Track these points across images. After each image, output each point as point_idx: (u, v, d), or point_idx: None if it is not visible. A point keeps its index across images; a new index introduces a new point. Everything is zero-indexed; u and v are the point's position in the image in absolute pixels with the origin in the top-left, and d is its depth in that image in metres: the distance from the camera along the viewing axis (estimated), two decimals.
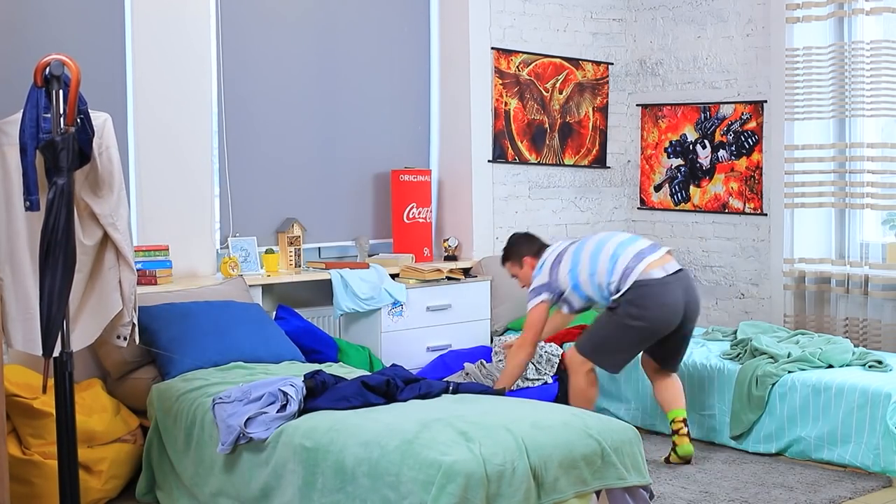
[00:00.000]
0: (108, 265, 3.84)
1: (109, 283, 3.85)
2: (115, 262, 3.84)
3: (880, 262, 6.19)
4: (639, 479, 3.83)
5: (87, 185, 3.79)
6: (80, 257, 3.72)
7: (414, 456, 3.49)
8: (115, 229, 3.81)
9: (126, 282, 3.85)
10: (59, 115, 3.47)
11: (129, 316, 3.88)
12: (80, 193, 3.77)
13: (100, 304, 3.86)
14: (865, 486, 4.74)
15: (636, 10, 7.30)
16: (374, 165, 6.44)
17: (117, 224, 3.81)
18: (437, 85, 6.72)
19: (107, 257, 3.84)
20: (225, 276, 5.45)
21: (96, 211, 3.79)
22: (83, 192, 3.78)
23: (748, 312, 6.77)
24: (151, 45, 5.33)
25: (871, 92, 6.11)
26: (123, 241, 3.83)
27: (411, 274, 5.98)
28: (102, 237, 3.82)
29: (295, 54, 6.06)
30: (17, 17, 5.03)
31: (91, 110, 3.78)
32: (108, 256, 3.84)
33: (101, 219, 3.79)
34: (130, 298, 3.87)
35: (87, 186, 3.79)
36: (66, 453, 3.60)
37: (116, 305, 3.86)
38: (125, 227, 3.85)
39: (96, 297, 3.85)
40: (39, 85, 3.52)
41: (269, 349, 4.99)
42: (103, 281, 3.85)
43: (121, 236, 3.82)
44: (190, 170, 5.46)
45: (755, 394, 5.19)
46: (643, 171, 7.30)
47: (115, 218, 3.80)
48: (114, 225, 3.80)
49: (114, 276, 3.84)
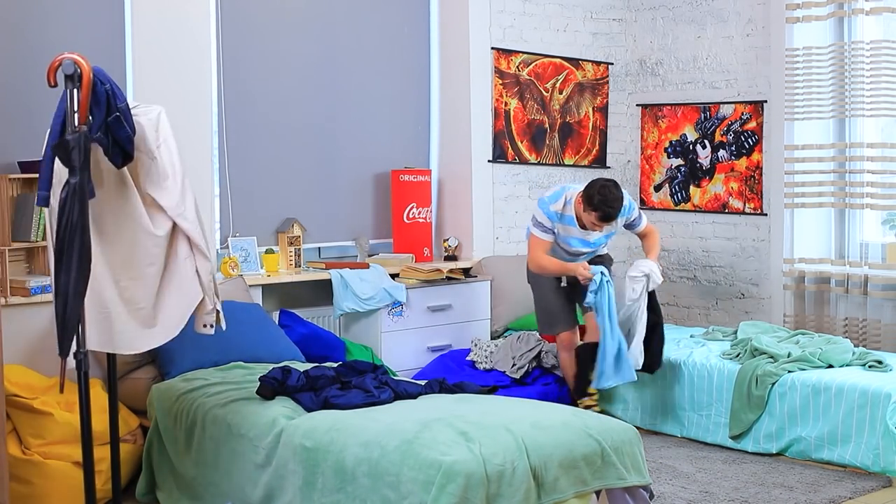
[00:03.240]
0: (182, 255, 3.80)
1: (187, 273, 3.81)
2: (190, 252, 3.80)
3: (880, 262, 6.19)
4: (639, 479, 3.84)
5: (149, 179, 3.76)
6: (152, 249, 3.73)
7: (414, 456, 3.50)
8: (185, 219, 3.77)
9: (203, 270, 3.80)
10: (73, 113, 3.46)
11: (211, 303, 3.84)
12: (145, 188, 3.75)
13: (180, 296, 3.81)
14: (865, 486, 4.74)
15: (636, 10, 7.30)
16: (374, 165, 6.44)
17: (186, 214, 3.77)
18: (437, 85, 6.72)
19: (180, 248, 3.80)
20: (225, 276, 5.45)
21: (163, 204, 3.75)
22: (147, 185, 3.76)
23: (748, 312, 6.76)
24: (152, 45, 5.33)
25: (871, 92, 6.11)
26: (194, 231, 3.79)
27: (411, 274, 5.98)
28: (173, 228, 3.80)
29: (295, 54, 6.06)
30: (17, 18, 5.02)
31: (143, 104, 3.76)
32: (182, 247, 3.80)
33: (169, 210, 3.75)
34: (210, 286, 3.82)
35: (150, 180, 3.76)
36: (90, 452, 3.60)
37: (197, 294, 3.82)
38: (194, 217, 3.80)
39: (175, 287, 3.81)
40: (52, 84, 3.50)
41: (269, 349, 4.99)
42: (180, 271, 3.81)
43: (190, 225, 3.78)
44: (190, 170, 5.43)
45: (755, 393, 5.19)
46: (643, 171, 7.30)
47: (182, 208, 3.77)
48: (182, 215, 3.77)
49: (190, 266, 3.81)
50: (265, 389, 4.21)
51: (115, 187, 3.71)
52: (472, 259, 6.57)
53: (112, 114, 3.56)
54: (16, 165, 4.90)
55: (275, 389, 4.21)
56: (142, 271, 3.74)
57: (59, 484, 4.28)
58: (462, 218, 6.66)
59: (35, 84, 4.33)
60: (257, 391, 4.23)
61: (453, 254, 6.54)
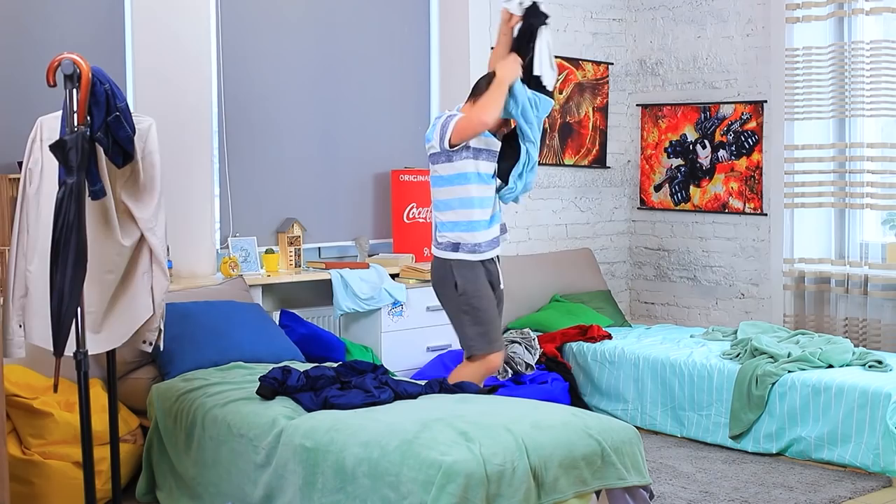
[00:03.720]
0: (142, 269, 3.84)
1: (142, 288, 3.84)
2: (149, 267, 3.84)
3: (880, 262, 6.20)
4: (639, 479, 3.83)
5: (128, 187, 3.78)
6: (114, 258, 3.75)
7: (414, 456, 3.50)
8: (154, 234, 3.80)
9: (158, 287, 3.84)
10: (73, 113, 3.46)
11: (157, 322, 3.87)
12: (122, 196, 3.77)
13: (131, 308, 3.85)
14: (865, 486, 4.74)
15: (636, 10, 7.30)
16: (374, 165, 6.44)
17: (156, 230, 3.81)
18: (438, 85, 6.72)
19: (142, 261, 3.84)
20: (225, 276, 5.45)
21: (136, 215, 3.78)
22: (125, 195, 3.78)
23: (748, 312, 6.77)
24: (151, 45, 5.33)
25: (871, 92, 6.11)
26: (160, 247, 3.83)
27: (411, 274, 5.98)
28: (139, 240, 3.81)
29: (295, 54, 6.06)
30: (17, 18, 5.03)
31: (136, 114, 3.77)
32: (143, 260, 3.84)
33: (141, 223, 3.78)
34: (161, 304, 3.87)
35: (129, 189, 3.78)
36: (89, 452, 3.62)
37: (147, 310, 3.85)
38: (162, 234, 3.84)
39: (128, 300, 3.84)
40: (52, 84, 3.51)
41: (269, 349, 4.99)
42: (136, 284, 3.84)
43: (158, 241, 3.82)
44: (190, 170, 5.46)
45: (755, 393, 5.19)
46: (643, 171, 7.30)
47: (154, 223, 3.80)
48: (153, 230, 3.80)
49: (147, 281, 3.84)
50: (265, 389, 4.21)
51: None
52: None
53: (112, 113, 3.56)
54: (16, 165, 4.90)
55: (275, 389, 4.21)
56: (100, 276, 3.75)
57: (59, 484, 4.28)
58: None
59: (35, 84, 4.33)
60: (257, 391, 4.23)
61: None
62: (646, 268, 7.35)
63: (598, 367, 5.87)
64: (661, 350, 5.75)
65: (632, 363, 5.75)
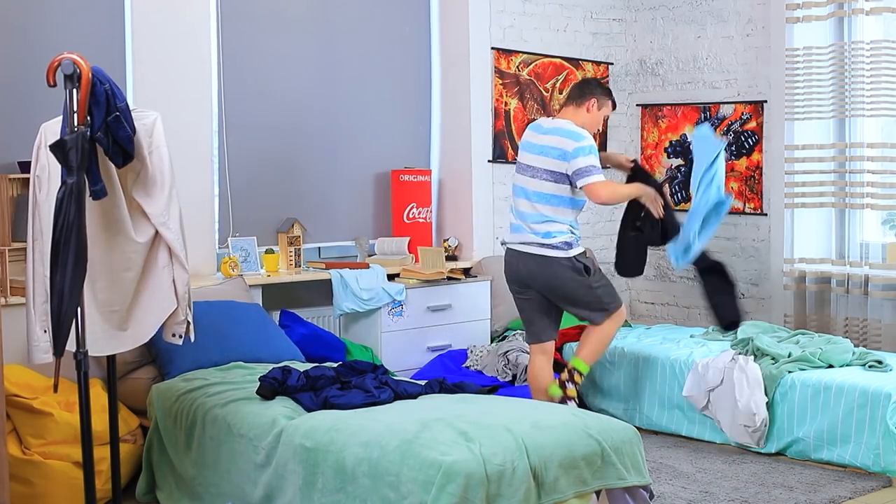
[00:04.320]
0: (161, 264, 3.83)
1: (163, 282, 3.84)
2: (169, 261, 3.83)
3: (880, 262, 6.19)
4: (639, 479, 3.84)
5: (138, 183, 3.78)
6: (130, 256, 3.75)
7: (414, 456, 3.50)
8: (167, 228, 3.80)
9: (179, 280, 3.84)
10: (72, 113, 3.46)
11: (183, 314, 3.87)
12: (132, 192, 3.77)
13: (154, 303, 3.85)
14: (865, 486, 4.74)
15: (636, 10, 7.30)
16: (374, 165, 6.44)
17: (169, 224, 3.80)
18: (438, 85, 6.72)
19: (160, 256, 3.83)
20: (225, 276, 5.45)
21: (148, 210, 3.78)
22: (135, 190, 3.78)
23: (748, 312, 6.76)
24: (152, 45, 5.33)
25: (871, 92, 6.11)
26: (175, 241, 3.82)
27: (411, 274, 5.99)
28: (154, 236, 3.82)
29: (295, 54, 6.06)
30: (17, 18, 5.03)
31: (140, 109, 3.77)
32: (162, 255, 3.83)
33: (153, 218, 3.78)
34: (185, 297, 3.86)
35: (139, 185, 3.78)
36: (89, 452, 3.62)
37: (171, 304, 3.85)
38: (177, 227, 3.83)
39: (150, 295, 3.84)
40: (52, 84, 3.51)
41: (269, 349, 4.99)
42: (157, 279, 3.84)
43: (173, 235, 3.81)
44: (190, 170, 5.46)
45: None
46: None
47: (166, 217, 3.79)
48: (165, 224, 3.79)
49: (168, 275, 3.84)
50: (265, 389, 4.21)
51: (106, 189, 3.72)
52: (472, 259, 6.58)
53: (112, 113, 3.56)
54: (16, 165, 4.91)
55: (275, 389, 4.21)
56: (119, 275, 3.76)
57: (59, 484, 4.28)
58: (462, 218, 6.66)
59: (35, 84, 4.33)
60: (257, 391, 4.23)
61: (453, 254, 6.54)
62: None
63: (597, 367, 5.87)
64: (661, 350, 5.74)
65: (632, 363, 5.75)
